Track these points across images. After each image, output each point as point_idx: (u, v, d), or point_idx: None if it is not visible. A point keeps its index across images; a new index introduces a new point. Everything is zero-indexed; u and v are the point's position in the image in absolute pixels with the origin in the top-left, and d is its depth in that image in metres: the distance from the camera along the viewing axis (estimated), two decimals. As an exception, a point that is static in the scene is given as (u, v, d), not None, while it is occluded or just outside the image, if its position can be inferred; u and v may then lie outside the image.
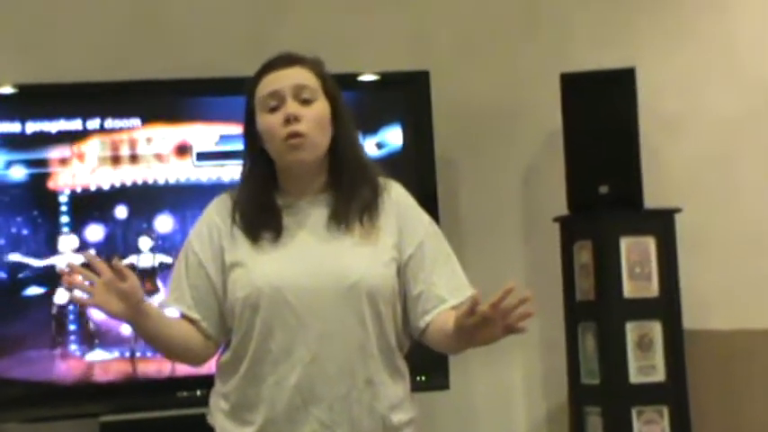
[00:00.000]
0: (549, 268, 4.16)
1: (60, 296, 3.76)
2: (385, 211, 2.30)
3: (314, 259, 2.24)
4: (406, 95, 4.06)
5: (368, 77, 4.05)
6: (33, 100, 3.85)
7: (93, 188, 3.80)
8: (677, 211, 4.04)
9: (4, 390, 3.74)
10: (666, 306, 3.97)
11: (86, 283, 2.18)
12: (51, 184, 3.79)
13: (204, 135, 3.85)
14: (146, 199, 3.81)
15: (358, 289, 2.22)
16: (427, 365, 3.94)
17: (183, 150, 3.85)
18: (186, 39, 4.19)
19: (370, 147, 3.95)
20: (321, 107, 2.30)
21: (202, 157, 3.85)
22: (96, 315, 3.72)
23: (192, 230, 2.36)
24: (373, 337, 2.25)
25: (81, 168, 3.80)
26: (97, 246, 3.76)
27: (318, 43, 4.22)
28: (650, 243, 3.98)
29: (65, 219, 3.79)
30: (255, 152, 2.32)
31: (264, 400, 2.23)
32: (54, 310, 3.75)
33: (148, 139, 3.83)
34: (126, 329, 3.69)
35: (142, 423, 3.71)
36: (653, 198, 4.05)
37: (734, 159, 4.40)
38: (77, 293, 2.19)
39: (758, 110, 4.41)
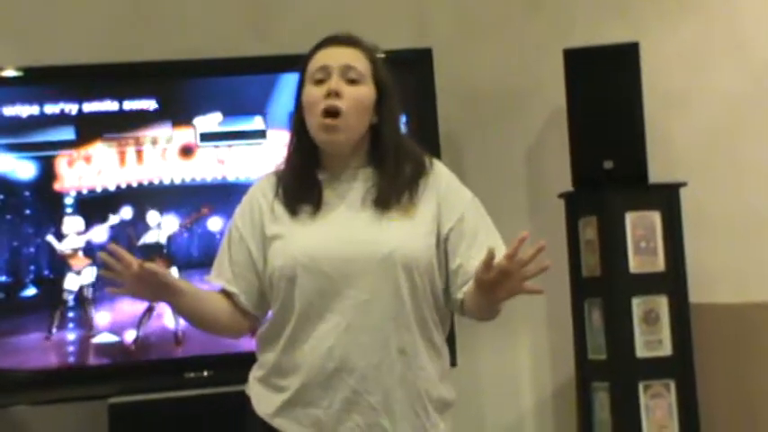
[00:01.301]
0: (555, 244, 4.16)
1: (70, 281, 3.78)
2: (426, 188, 2.32)
3: (350, 230, 2.27)
4: (408, 74, 4.04)
5: (371, 56, 4.04)
6: (36, 83, 3.85)
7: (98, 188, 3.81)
8: (682, 185, 4.04)
9: (13, 373, 3.75)
10: (672, 280, 3.97)
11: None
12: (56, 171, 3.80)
13: (208, 116, 3.85)
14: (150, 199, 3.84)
15: (393, 259, 2.23)
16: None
17: (187, 151, 3.86)
18: (187, 20, 4.19)
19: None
20: (365, 90, 2.33)
21: (206, 138, 3.85)
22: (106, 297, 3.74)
23: (238, 208, 2.41)
24: (409, 309, 2.26)
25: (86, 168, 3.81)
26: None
27: (320, 22, 4.25)
28: (656, 218, 3.98)
29: (69, 201, 3.80)
30: (301, 126, 2.35)
31: (299, 366, 2.26)
32: (64, 295, 3.77)
33: (154, 141, 3.83)
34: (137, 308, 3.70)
35: (151, 404, 3.72)
36: (657, 173, 4.05)
37: (738, 134, 4.39)
38: (110, 287, 2.25)
39: (762, 85, 4.40)
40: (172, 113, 3.85)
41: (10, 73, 3.85)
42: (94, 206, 3.79)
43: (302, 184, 2.31)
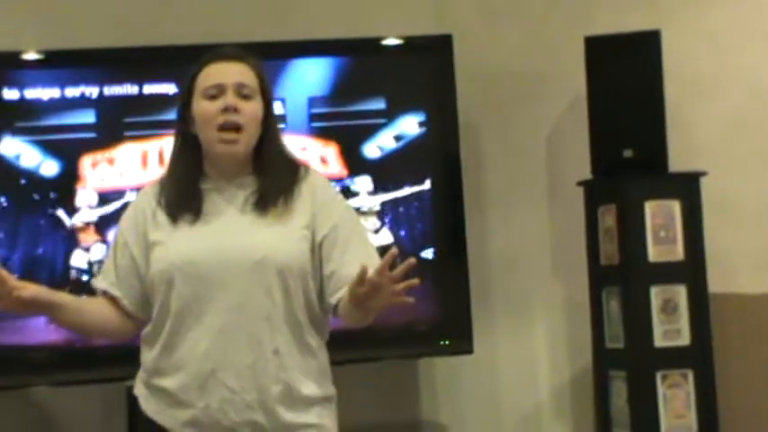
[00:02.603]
0: (574, 232, 4.16)
1: (77, 258, 3.80)
2: (301, 197, 2.41)
3: (226, 236, 2.36)
4: (429, 60, 4.04)
5: (391, 42, 4.04)
6: (57, 66, 3.87)
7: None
8: (702, 174, 4.02)
9: (33, 353, 3.78)
10: (691, 270, 3.95)
11: None
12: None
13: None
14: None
15: (266, 263, 2.32)
16: (451, 330, 3.97)
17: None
18: (206, 5, 4.19)
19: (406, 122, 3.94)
20: (257, 105, 2.41)
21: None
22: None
23: (123, 214, 2.50)
24: (281, 310, 2.34)
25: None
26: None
27: (341, 7, 4.27)
28: (675, 207, 3.96)
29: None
30: (185, 136, 2.43)
31: (177, 368, 2.35)
32: (74, 274, 3.79)
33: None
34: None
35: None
36: (677, 162, 4.03)
37: (759, 123, 4.36)
38: None
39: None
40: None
41: (31, 56, 3.87)
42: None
43: (184, 194, 2.40)
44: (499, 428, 4.30)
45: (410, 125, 3.99)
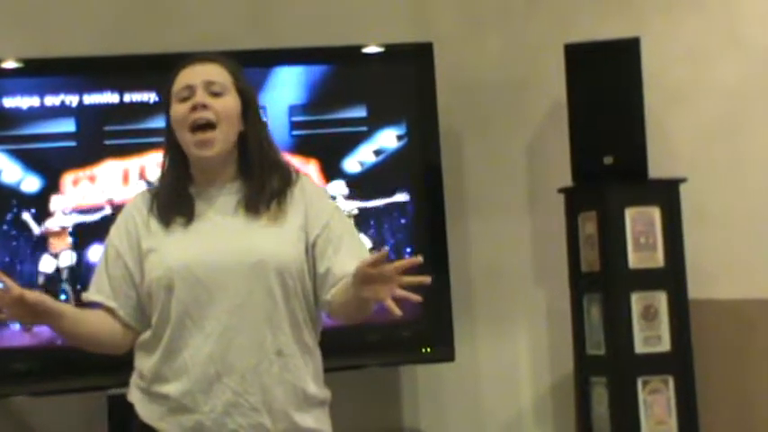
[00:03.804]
0: (554, 239, 4.17)
1: (45, 264, 3.79)
2: (293, 199, 2.41)
3: (223, 239, 2.36)
4: (410, 67, 4.05)
5: (371, 50, 4.04)
6: (37, 74, 3.86)
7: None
8: (682, 181, 4.04)
9: (13, 363, 3.76)
10: (672, 276, 3.97)
11: None
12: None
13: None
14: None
15: (265, 265, 2.32)
16: (433, 338, 3.97)
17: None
18: (189, 12, 4.19)
19: (389, 135, 3.94)
20: (230, 100, 2.40)
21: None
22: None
23: (113, 226, 2.48)
24: (282, 311, 2.34)
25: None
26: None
27: (321, 15, 4.27)
28: (655, 213, 3.98)
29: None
30: (172, 145, 2.44)
31: (179, 374, 2.33)
32: (41, 280, 3.77)
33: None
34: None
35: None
36: (657, 169, 4.05)
37: (738, 130, 4.38)
38: None
39: (763, 81, 4.39)
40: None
41: (11, 64, 3.85)
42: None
43: (175, 199, 2.40)
44: (481, 435, 4.30)
45: (391, 134, 3.99)
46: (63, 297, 3.78)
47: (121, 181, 3.84)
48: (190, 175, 2.43)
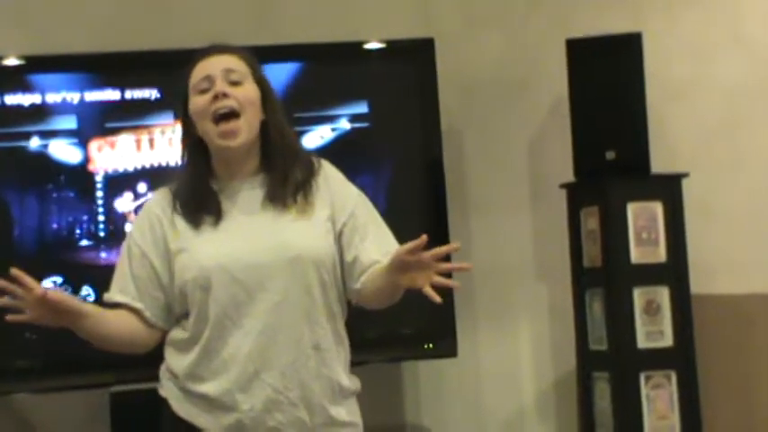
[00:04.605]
0: (557, 235, 4.17)
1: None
2: (318, 189, 2.40)
3: (256, 236, 2.33)
4: (410, 64, 4.04)
5: (373, 46, 4.04)
6: (38, 71, 3.86)
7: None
8: (684, 175, 4.04)
9: (15, 360, 3.76)
10: (674, 271, 3.97)
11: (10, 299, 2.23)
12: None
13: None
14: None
15: (302, 260, 2.31)
16: (435, 334, 3.97)
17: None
18: (190, 8, 4.19)
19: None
20: (250, 88, 2.38)
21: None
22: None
23: (133, 225, 2.45)
24: (320, 305, 2.34)
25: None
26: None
27: (323, 11, 4.26)
28: (657, 208, 3.98)
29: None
30: (191, 141, 2.41)
31: (218, 373, 2.31)
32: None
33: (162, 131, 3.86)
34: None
35: (152, 393, 3.72)
36: (659, 164, 4.05)
37: (740, 125, 4.39)
38: (11, 315, 2.24)
39: (765, 76, 4.39)
40: (174, 103, 3.84)
41: (12, 61, 3.85)
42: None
43: (199, 196, 2.36)
44: (483, 430, 4.30)
45: (392, 129, 3.99)
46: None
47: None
48: (211, 170, 2.40)
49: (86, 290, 3.77)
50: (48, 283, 3.72)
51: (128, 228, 3.76)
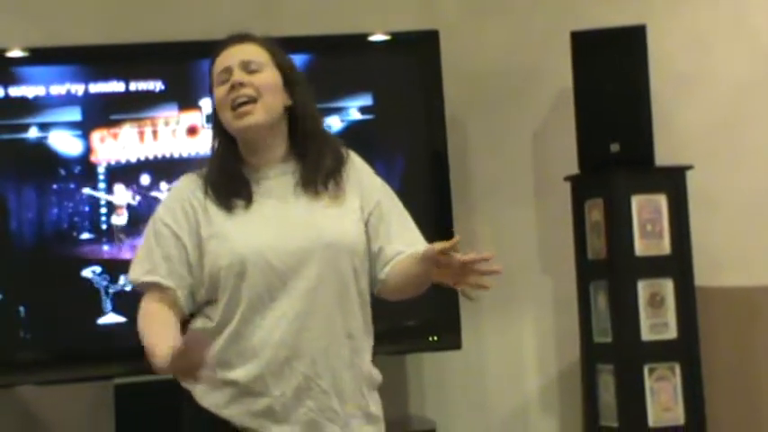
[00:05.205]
0: (561, 227, 4.16)
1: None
2: (348, 178, 2.41)
3: (290, 223, 2.32)
4: (415, 56, 4.04)
5: (377, 38, 4.04)
6: (43, 63, 3.86)
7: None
8: (689, 168, 4.03)
9: (20, 352, 3.77)
10: (678, 263, 3.97)
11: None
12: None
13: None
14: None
15: (336, 247, 2.31)
16: (439, 326, 3.97)
17: (192, 131, 3.87)
18: (196, 1, 4.18)
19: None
20: (270, 74, 2.39)
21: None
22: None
23: (160, 208, 2.41)
24: (353, 293, 2.34)
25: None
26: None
27: (327, 4, 4.26)
28: (662, 201, 3.98)
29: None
30: (220, 130, 2.42)
31: (248, 358, 2.29)
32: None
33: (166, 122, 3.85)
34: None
35: (156, 385, 3.72)
36: (664, 156, 4.04)
37: (745, 117, 4.38)
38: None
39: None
40: (179, 95, 3.85)
41: (16, 53, 3.85)
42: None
43: (230, 180, 2.36)
44: (487, 423, 4.30)
45: (396, 121, 3.99)
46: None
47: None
48: (240, 158, 2.40)
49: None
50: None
51: (122, 220, 3.78)
